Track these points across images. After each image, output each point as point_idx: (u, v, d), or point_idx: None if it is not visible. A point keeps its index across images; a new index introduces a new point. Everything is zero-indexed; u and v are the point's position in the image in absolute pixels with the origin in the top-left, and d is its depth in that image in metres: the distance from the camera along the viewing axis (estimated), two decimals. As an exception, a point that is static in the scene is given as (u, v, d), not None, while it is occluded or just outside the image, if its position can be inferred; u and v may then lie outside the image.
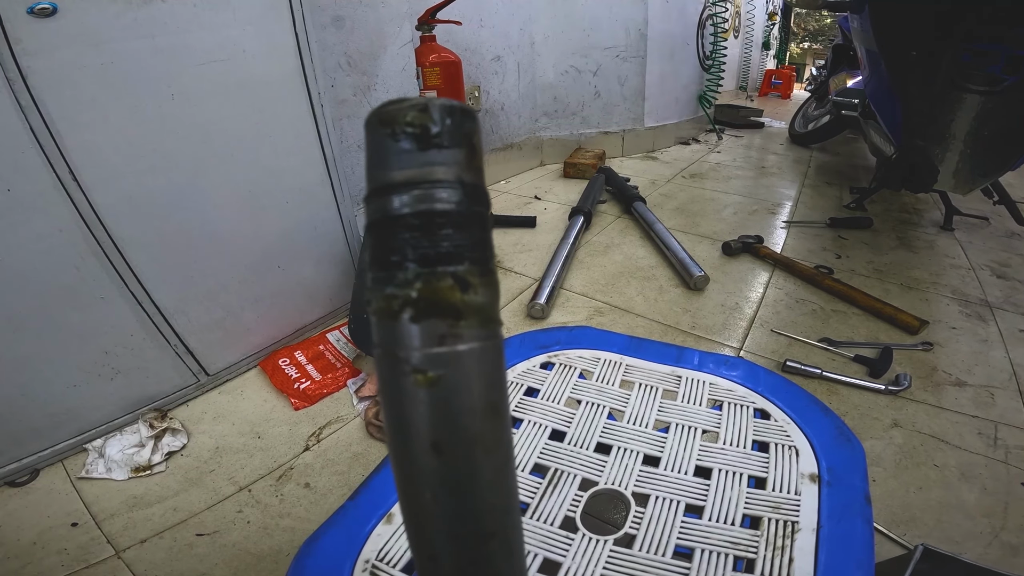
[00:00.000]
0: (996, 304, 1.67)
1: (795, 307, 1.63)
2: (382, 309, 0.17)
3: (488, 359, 0.18)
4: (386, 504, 0.50)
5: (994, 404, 1.25)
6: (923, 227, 2.27)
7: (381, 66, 1.80)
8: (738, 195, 2.65)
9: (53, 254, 0.99)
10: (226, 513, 1.02)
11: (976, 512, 1.00)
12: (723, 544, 0.45)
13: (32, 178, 0.94)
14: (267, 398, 1.29)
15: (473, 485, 0.19)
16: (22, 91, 0.89)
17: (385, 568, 0.45)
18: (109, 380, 1.13)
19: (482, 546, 0.19)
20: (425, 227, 0.17)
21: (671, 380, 0.63)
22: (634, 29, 3.00)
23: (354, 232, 1.53)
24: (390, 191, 0.17)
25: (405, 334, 0.17)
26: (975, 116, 1.52)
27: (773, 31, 6.97)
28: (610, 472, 0.52)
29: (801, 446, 0.54)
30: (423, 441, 0.18)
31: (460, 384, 0.18)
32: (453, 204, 0.17)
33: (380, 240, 0.17)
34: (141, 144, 1.05)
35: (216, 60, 1.11)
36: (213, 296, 1.25)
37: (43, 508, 1.02)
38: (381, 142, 0.18)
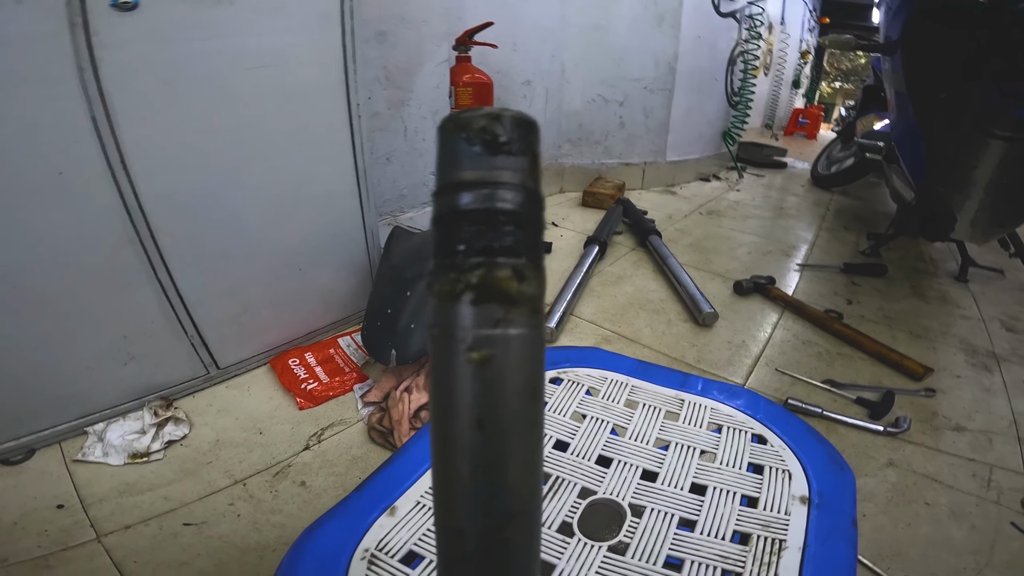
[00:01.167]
0: (1003, 356, 1.68)
1: (801, 348, 1.64)
2: (444, 292, 0.19)
3: (534, 346, 0.20)
4: (391, 497, 0.52)
5: (991, 448, 1.27)
6: (938, 277, 2.28)
7: (416, 82, 1.86)
8: (754, 235, 2.67)
9: (92, 237, 1.03)
10: (217, 505, 1.02)
11: (962, 549, 1.01)
12: (712, 557, 0.47)
13: (85, 164, 0.98)
14: (273, 395, 1.32)
15: (508, 463, 0.20)
16: (91, 81, 0.94)
17: (383, 558, 0.46)
18: (123, 365, 1.16)
19: (508, 524, 0.21)
20: (490, 222, 0.19)
21: (674, 403, 0.65)
22: (664, 62, 3.05)
23: (375, 242, 1.57)
24: (460, 188, 0.19)
25: (464, 316, 0.19)
26: (998, 163, 1.52)
27: (805, 70, 7.00)
28: (609, 483, 0.54)
29: (794, 470, 0.55)
30: (468, 417, 0.20)
31: (508, 366, 0.19)
32: (516, 205, 0.19)
33: (447, 231, 0.19)
34: (188, 141, 1.10)
35: (267, 65, 1.17)
36: (234, 292, 1.29)
37: (32, 488, 1.02)
38: (455, 144, 0.19)
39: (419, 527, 0.49)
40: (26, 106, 0.89)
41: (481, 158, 0.19)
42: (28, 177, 0.93)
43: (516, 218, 0.19)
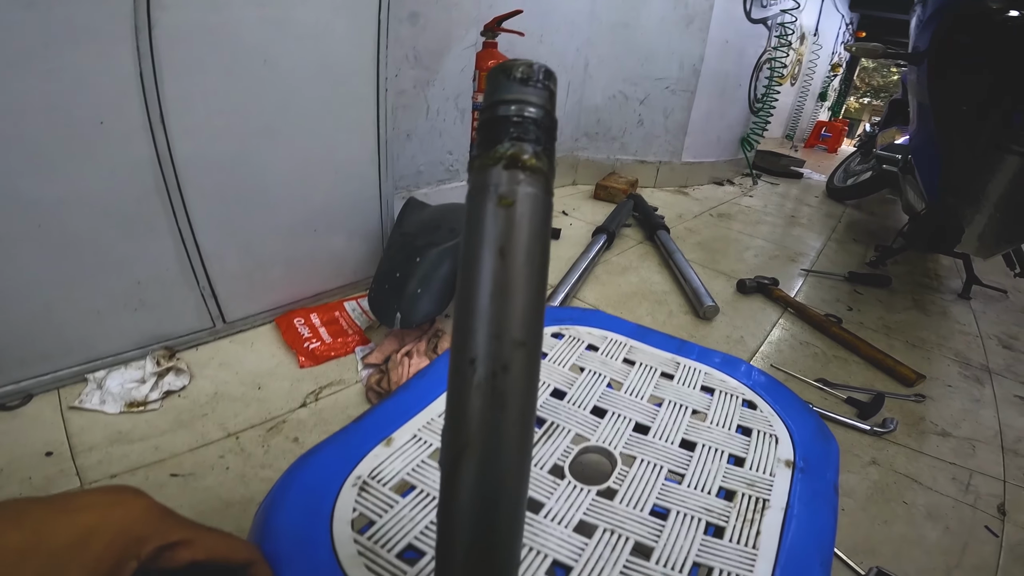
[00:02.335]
0: (997, 371, 1.71)
1: (798, 348, 1.67)
2: (485, 162, 0.26)
3: (542, 203, 0.27)
4: (389, 429, 0.53)
5: (974, 455, 1.30)
6: (941, 293, 2.30)
7: (443, 64, 1.89)
8: (762, 239, 2.69)
9: (122, 184, 1.06)
10: (207, 458, 1.02)
11: (935, 549, 1.04)
12: (698, 509, 0.49)
13: (126, 117, 1.02)
14: (275, 353, 1.34)
15: (518, 287, 0.26)
16: (144, 40, 0.98)
17: (374, 484, 0.47)
18: (133, 311, 1.18)
19: (514, 352, 0.26)
20: (521, 124, 0.27)
21: (670, 364, 0.68)
22: (688, 64, 3.07)
23: (390, 212, 1.61)
24: (502, 104, 0.27)
25: (498, 175, 0.26)
26: (1012, 179, 1.54)
27: (833, 83, 6.96)
28: (602, 432, 0.57)
29: (782, 436, 0.58)
30: (493, 248, 0.26)
31: (525, 211, 0.26)
32: (538, 115, 0.27)
33: (492, 128, 0.27)
34: (227, 101, 1.14)
35: (309, 36, 1.21)
36: (249, 248, 1.32)
37: (23, 435, 1.01)
38: (500, 79, 0.27)
39: (414, 458, 0.51)
40: (82, 58, 0.94)
41: (517, 87, 0.27)
42: (72, 124, 0.96)
43: (537, 124, 0.27)
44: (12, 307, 1.02)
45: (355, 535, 0.42)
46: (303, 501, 0.45)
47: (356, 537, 0.42)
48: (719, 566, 0.43)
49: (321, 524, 0.43)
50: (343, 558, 0.40)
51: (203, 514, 0.90)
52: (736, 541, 0.46)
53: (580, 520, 0.47)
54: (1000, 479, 1.23)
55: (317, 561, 0.40)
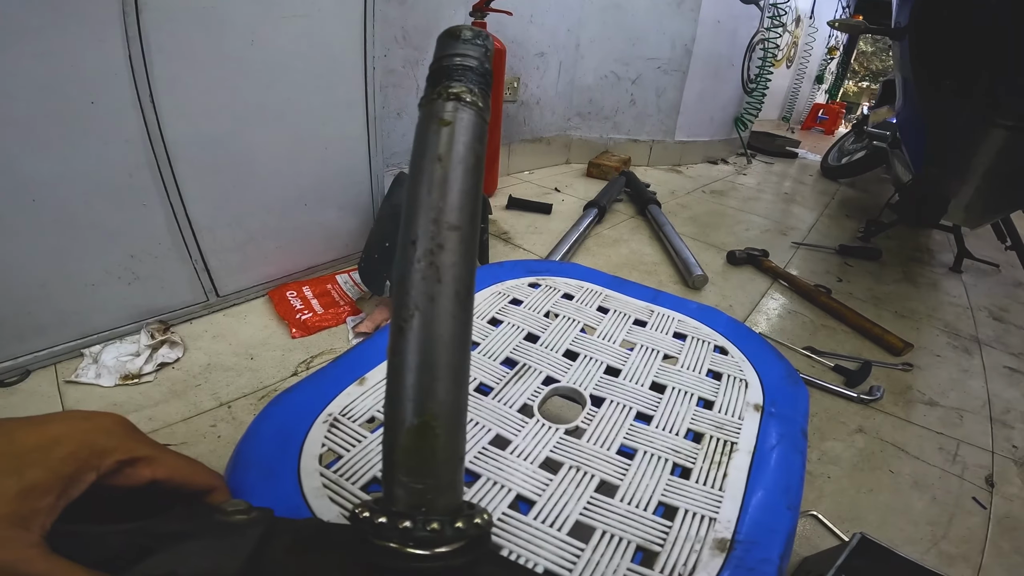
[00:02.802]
0: (986, 341, 1.71)
1: (787, 317, 1.68)
2: (431, 97, 0.32)
3: (477, 125, 0.32)
4: (363, 369, 0.54)
5: (961, 425, 1.29)
6: (932, 266, 2.30)
7: (432, 44, 1.87)
8: (755, 215, 2.70)
9: (114, 159, 1.08)
10: (199, 426, 1.04)
11: (921, 519, 1.03)
12: (665, 450, 0.49)
13: (117, 95, 1.04)
14: (268, 324, 1.35)
15: (453, 183, 0.30)
16: (132, 23, 1.00)
17: (344, 421, 0.48)
18: (127, 284, 1.19)
19: (449, 234, 0.30)
20: (461, 70, 0.33)
21: (644, 312, 0.69)
22: (680, 44, 3.06)
23: (380, 187, 1.61)
24: (447, 57, 0.33)
25: (441, 104, 0.32)
26: (998, 151, 1.53)
27: (830, 66, 6.92)
28: (573, 374, 0.58)
29: (751, 380, 0.59)
30: (433, 155, 0.31)
31: (460, 128, 0.31)
32: (476, 64, 0.33)
33: (438, 75, 0.33)
34: (216, 79, 1.16)
35: (295, 16, 1.23)
36: (240, 221, 1.33)
37: (22, 410, 1.02)
38: (446, 40, 0.34)
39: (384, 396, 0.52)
40: (73, 42, 0.96)
41: (459, 44, 0.33)
42: (64, 103, 0.98)
43: (474, 71, 0.33)
44: (8, 282, 1.04)
45: (321, 469, 0.43)
46: (274, 436, 0.46)
47: (322, 471, 0.43)
48: (685, 506, 0.44)
49: (289, 458, 0.44)
50: (307, 490, 0.41)
51: None
52: (703, 482, 0.46)
53: (546, 457, 0.48)
54: (988, 450, 1.23)
55: (281, 492, 0.41)
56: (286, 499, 0.40)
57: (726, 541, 0.41)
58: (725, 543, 0.41)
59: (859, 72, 7.69)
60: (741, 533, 0.42)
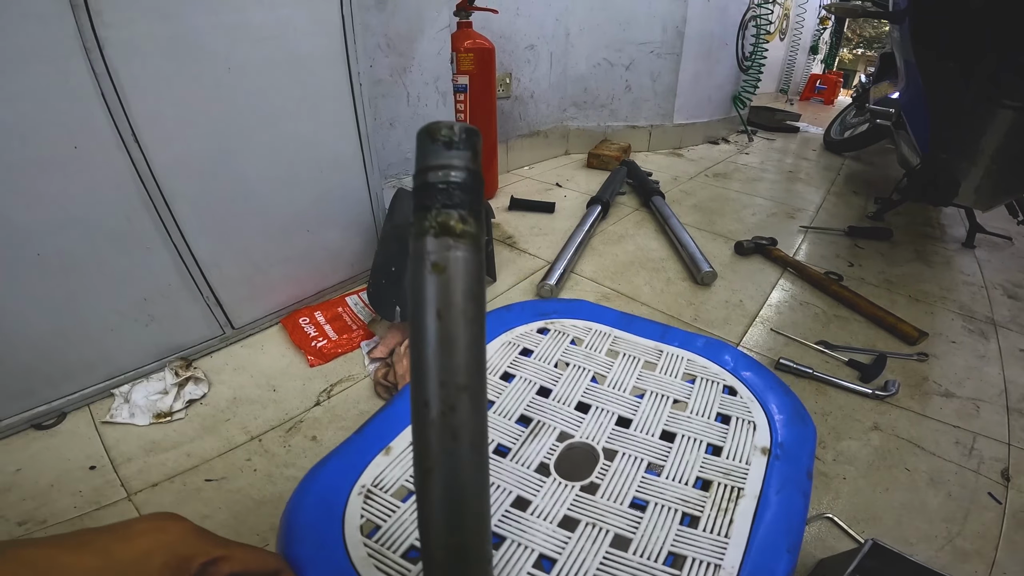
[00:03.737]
0: (1001, 323, 1.68)
1: (798, 309, 1.67)
2: (419, 230, 0.29)
3: (473, 263, 0.30)
4: (387, 439, 0.56)
5: (978, 416, 1.28)
6: (944, 242, 2.27)
7: (418, 49, 1.86)
8: (760, 197, 2.67)
9: (109, 204, 1.08)
10: (235, 461, 1.08)
11: (936, 516, 1.03)
12: (675, 500, 0.51)
13: (98, 137, 1.02)
14: (285, 353, 1.37)
15: (457, 343, 0.30)
16: (97, 59, 0.98)
17: (377, 492, 0.51)
18: (144, 326, 1.22)
19: (459, 395, 0.30)
20: (447, 190, 0.29)
21: (653, 353, 0.69)
22: (671, 26, 3.01)
23: (380, 204, 1.61)
24: (430, 170, 0.30)
25: (430, 244, 0.29)
26: (1006, 132, 1.51)
27: (824, 35, 6.82)
28: (586, 428, 0.59)
29: (759, 422, 0.59)
30: (431, 309, 0.29)
31: (455, 274, 0.29)
32: (462, 179, 0.30)
33: (422, 195, 0.30)
34: (197, 111, 1.14)
35: (270, 37, 1.19)
36: (245, 253, 1.34)
37: (65, 451, 1.08)
38: (426, 144, 0.30)
39: (411, 466, 0.53)
40: (39, 83, 0.93)
41: (442, 151, 0.30)
42: (46, 149, 0.97)
43: (462, 187, 0.30)
44: (28, 334, 1.06)
45: (364, 539, 0.47)
46: (317, 509, 0.50)
47: (365, 541, 0.46)
48: (692, 555, 0.46)
49: (334, 530, 0.47)
50: (355, 560, 0.45)
51: (239, 515, 0.97)
52: (710, 530, 0.48)
53: (564, 515, 0.50)
54: (1004, 442, 1.21)
55: (334, 563, 0.45)
56: (339, 570, 0.44)
57: (729, 586, 0.43)
58: (728, 588, 0.43)
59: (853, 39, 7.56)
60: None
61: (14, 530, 0.93)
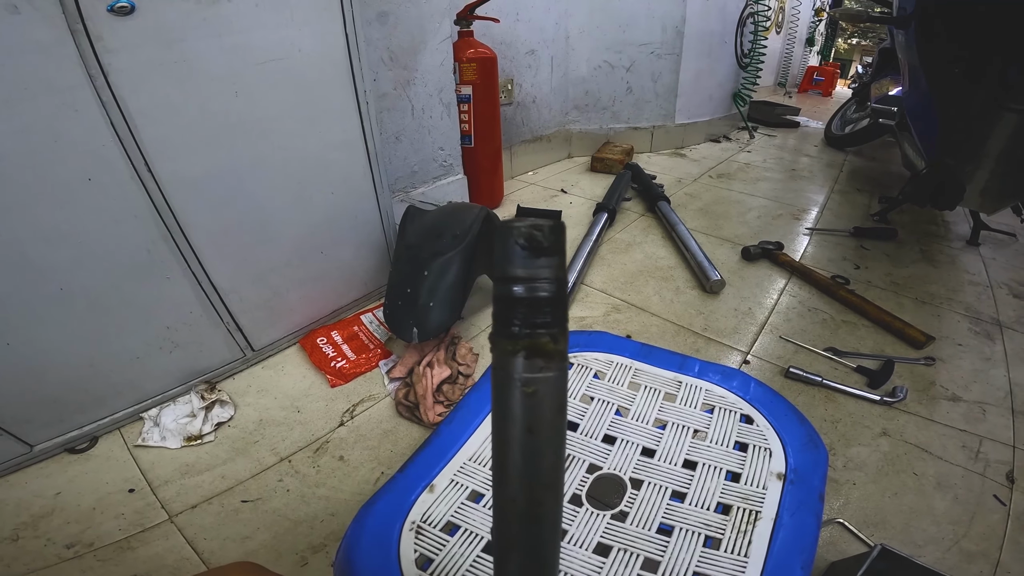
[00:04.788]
0: (1007, 324, 1.71)
1: (807, 315, 1.69)
2: (505, 349, 0.29)
3: (562, 380, 0.30)
4: (429, 476, 0.60)
5: (984, 420, 1.31)
6: (949, 241, 2.29)
7: (421, 61, 1.89)
8: (764, 198, 2.69)
9: (128, 237, 1.10)
10: (268, 482, 1.11)
11: (943, 519, 1.06)
12: (698, 525, 0.55)
13: (111, 169, 1.03)
14: (306, 374, 1.40)
15: (545, 453, 0.31)
16: (103, 87, 0.97)
17: (427, 528, 0.55)
18: (168, 353, 1.25)
19: (544, 493, 0.32)
20: (535, 305, 0.29)
21: (673, 384, 0.72)
22: (671, 26, 3.02)
23: (391, 221, 1.64)
24: (515, 281, 0.29)
25: (519, 365, 0.29)
26: (1011, 135, 1.52)
27: (819, 27, 6.83)
28: (613, 459, 0.62)
29: (775, 448, 0.62)
30: (521, 426, 0.30)
31: (546, 394, 0.30)
32: (551, 293, 0.29)
33: (507, 308, 0.29)
34: (207, 138, 1.15)
35: (275, 59, 1.20)
36: (262, 278, 1.36)
37: (102, 474, 1.11)
38: (511, 248, 0.28)
39: (454, 502, 0.57)
40: (47, 114, 0.93)
41: (529, 261, 0.28)
42: (60, 184, 0.98)
43: (552, 303, 0.29)
44: (57, 366, 1.10)
45: (420, 571, 0.51)
46: (373, 548, 0.53)
47: (421, 574, 0.51)
48: (715, 574, 0.50)
49: (391, 565, 0.52)
50: None
51: (278, 535, 1.00)
52: (731, 551, 0.52)
53: (598, 542, 0.54)
54: (1010, 444, 1.24)
55: None
56: None
57: (749, 603, 0.46)
58: (748, 605, 0.46)
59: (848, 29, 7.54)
60: (762, 595, 0.47)
61: (63, 552, 0.96)
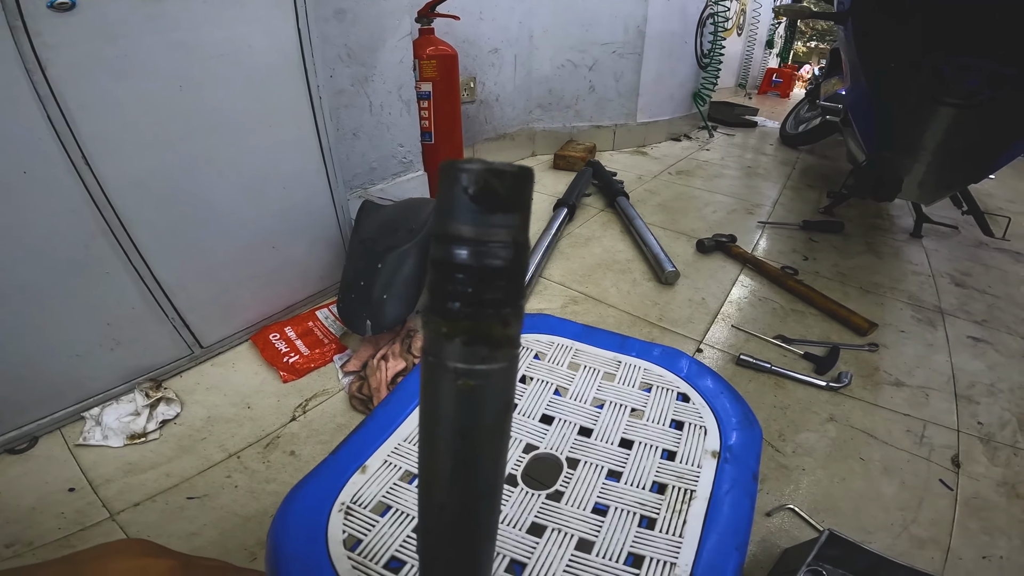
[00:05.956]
0: (949, 311, 1.77)
1: (757, 305, 1.73)
2: (441, 333, 0.22)
3: (510, 374, 0.24)
4: (362, 458, 0.59)
5: (927, 404, 1.34)
6: (893, 233, 2.37)
7: (380, 58, 1.87)
8: (721, 194, 2.74)
9: (65, 232, 1.07)
10: (216, 478, 1.09)
11: (892, 505, 1.08)
12: (633, 504, 0.54)
13: (48, 162, 1.00)
14: (258, 371, 1.37)
15: (481, 461, 0.25)
16: (41, 82, 0.95)
17: (357, 509, 0.54)
18: (110, 350, 1.21)
19: (477, 503, 0.27)
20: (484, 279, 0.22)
21: (612, 364, 0.73)
22: (633, 26, 3.07)
23: (346, 216, 1.62)
24: (459, 242, 0.22)
25: (456, 352, 0.23)
26: (947, 129, 1.58)
27: (779, 29, 7.00)
28: (550, 439, 0.62)
29: (710, 427, 0.63)
30: (453, 429, 0.25)
31: (489, 391, 0.24)
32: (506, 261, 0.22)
33: (444, 278, 0.22)
34: (151, 132, 1.12)
35: (224, 54, 1.18)
36: (211, 273, 1.33)
37: (42, 474, 1.08)
38: (457, 197, 0.21)
39: (387, 482, 0.56)
40: None
41: (480, 215, 0.21)
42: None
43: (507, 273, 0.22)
44: (-6, 363, 1.06)
45: (348, 553, 0.49)
46: (301, 528, 0.52)
47: (348, 554, 0.49)
48: (650, 554, 0.49)
49: (319, 547, 0.50)
50: (341, 573, 0.48)
51: (226, 531, 0.98)
52: (665, 531, 0.52)
53: (532, 522, 0.53)
54: (954, 428, 1.28)
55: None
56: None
57: (683, 583, 0.46)
58: (683, 585, 0.46)
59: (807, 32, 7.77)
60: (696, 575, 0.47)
61: (2, 552, 0.93)
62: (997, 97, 1.43)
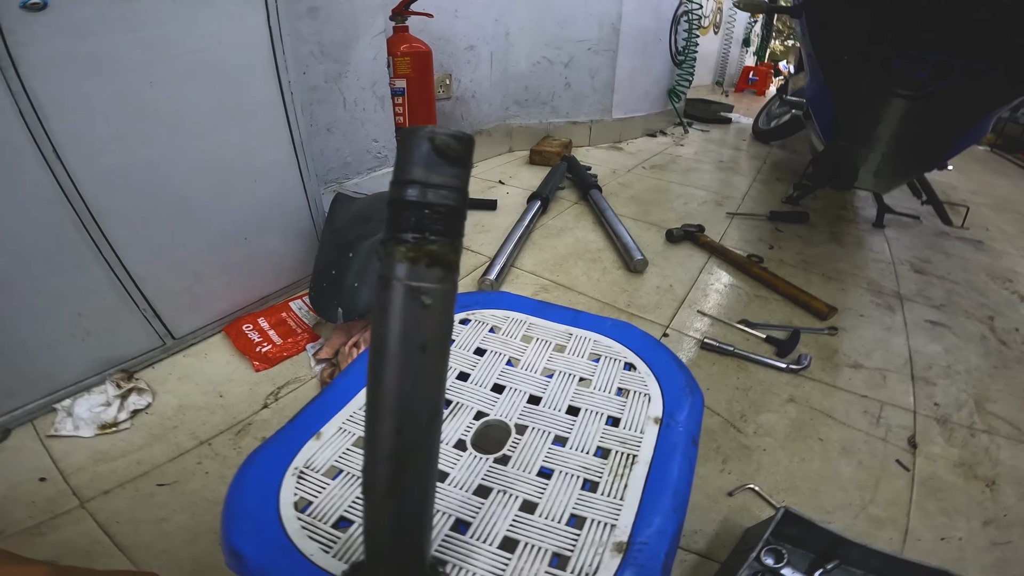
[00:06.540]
0: (908, 296, 1.83)
1: (723, 291, 1.78)
2: (405, 256, 0.28)
3: (454, 292, 0.30)
4: (317, 426, 0.62)
5: (885, 386, 1.38)
6: (856, 223, 2.44)
7: (353, 55, 1.89)
8: (692, 187, 2.79)
9: (36, 224, 1.08)
10: (186, 465, 1.10)
11: (850, 485, 1.10)
12: (577, 468, 0.57)
13: (19, 156, 1.02)
14: (230, 360, 1.39)
15: (439, 374, 0.30)
16: (13, 78, 0.98)
17: (309, 472, 0.56)
18: (81, 341, 1.21)
19: (431, 421, 0.30)
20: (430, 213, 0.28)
21: (564, 336, 0.76)
22: (607, 23, 3.11)
23: (319, 210, 1.64)
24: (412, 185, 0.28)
25: (418, 273, 0.28)
26: (899, 119, 1.62)
27: (755, 28, 7.10)
28: (500, 406, 0.65)
29: (654, 394, 0.67)
30: (414, 343, 0.29)
31: (444, 306, 0.29)
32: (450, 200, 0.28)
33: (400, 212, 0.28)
34: (121, 126, 1.14)
35: (194, 51, 1.20)
36: (182, 264, 1.34)
37: (13, 465, 1.08)
38: (413, 150, 0.28)
39: (340, 447, 0.59)
40: None
41: (431, 162, 0.28)
42: None
43: (456, 212, 0.29)
44: (-38, 354, 1.06)
45: (298, 514, 0.52)
46: (255, 491, 0.55)
47: (299, 515, 0.52)
48: (591, 516, 0.52)
49: (270, 507, 0.53)
50: (290, 532, 0.50)
51: (196, 516, 1.00)
52: (607, 494, 0.55)
53: (479, 484, 0.56)
54: (910, 410, 1.31)
55: (271, 537, 0.50)
56: (275, 542, 0.50)
57: (623, 544, 0.49)
58: (622, 546, 0.49)
59: (783, 31, 7.88)
60: (636, 536, 0.50)
61: None
62: (946, 88, 1.48)
